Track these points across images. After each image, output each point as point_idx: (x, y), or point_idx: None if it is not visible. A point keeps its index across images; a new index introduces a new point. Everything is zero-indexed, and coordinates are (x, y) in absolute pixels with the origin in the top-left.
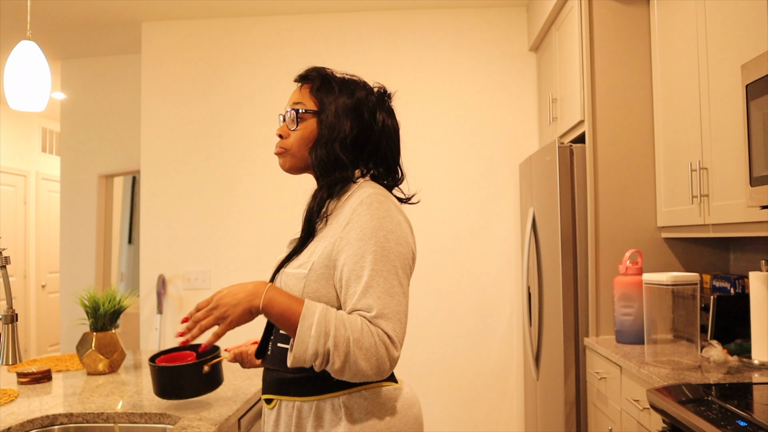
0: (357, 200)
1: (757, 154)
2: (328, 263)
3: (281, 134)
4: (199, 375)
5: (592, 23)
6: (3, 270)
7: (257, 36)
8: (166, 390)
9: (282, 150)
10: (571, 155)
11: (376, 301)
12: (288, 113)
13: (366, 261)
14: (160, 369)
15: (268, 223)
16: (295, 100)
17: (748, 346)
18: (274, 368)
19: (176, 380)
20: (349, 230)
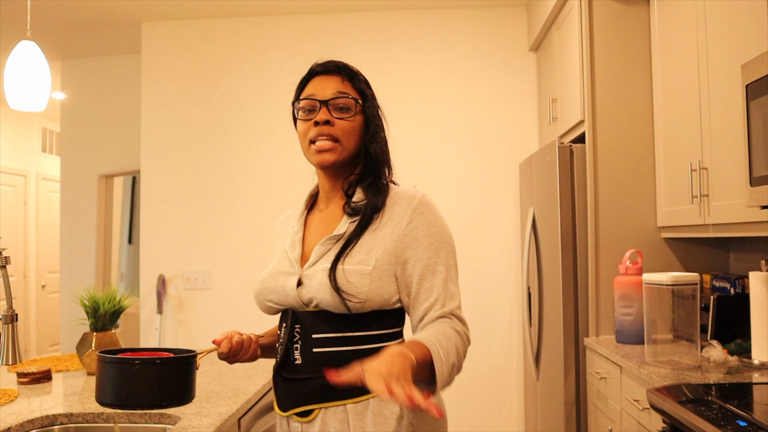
0: (413, 199)
1: (757, 154)
2: (392, 260)
3: (328, 120)
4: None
5: (592, 23)
6: (3, 270)
7: (257, 36)
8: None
9: (334, 141)
10: (571, 155)
11: (453, 296)
12: (335, 100)
13: (439, 257)
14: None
15: (268, 223)
16: (342, 89)
17: (748, 346)
18: (310, 376)
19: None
20: (414, 228)
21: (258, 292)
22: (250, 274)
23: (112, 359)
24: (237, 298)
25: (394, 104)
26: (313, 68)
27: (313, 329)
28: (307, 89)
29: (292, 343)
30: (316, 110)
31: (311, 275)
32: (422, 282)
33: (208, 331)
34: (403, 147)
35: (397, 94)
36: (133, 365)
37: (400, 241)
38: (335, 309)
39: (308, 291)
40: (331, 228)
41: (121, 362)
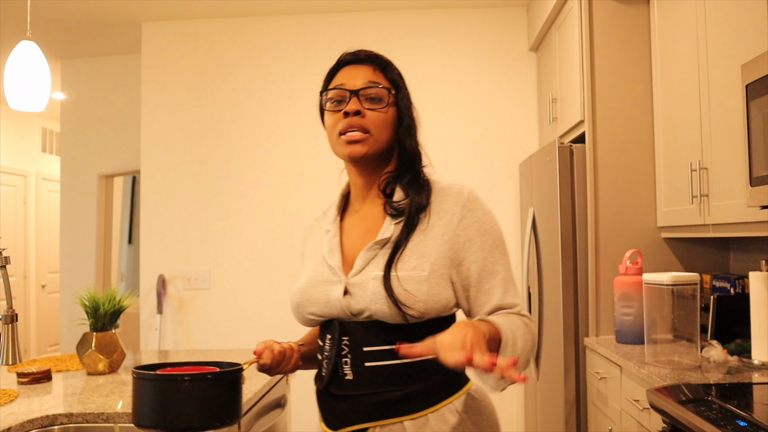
0: (460, 195)
1: (757, 154)
2: (447, 263)
3: (359, 110)
4: (228, 391)
5: (592, 23)
6: (3, 270)
7: (257, 36)
8: (175, 413)
9: (365, 132)
10: (571, 155)
11: (516, 296)
12: (366, 89)
13: (496, 256)
14: (194, 378)
15: (268, 223)
16: (374, 78)
17: (748, 346)
18: (363, 393)
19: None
20: (465, 227)
21: (298, 304)
22: (250, 274)
23: (155, 377)
24: (237, 298)
25: None
26: (343, 57)
27: (363, 342)
28: (336, 79)
29: (340, 357)
30: (346, 101)
31: (361, 284)
32: (480, 284)
33: (208, 332)
34: None
35: None
36: (182, 382)
37: (453, 242)
38: (391, 320)
39: (359, 301)
40: (372, 230)
41: (168, 379)
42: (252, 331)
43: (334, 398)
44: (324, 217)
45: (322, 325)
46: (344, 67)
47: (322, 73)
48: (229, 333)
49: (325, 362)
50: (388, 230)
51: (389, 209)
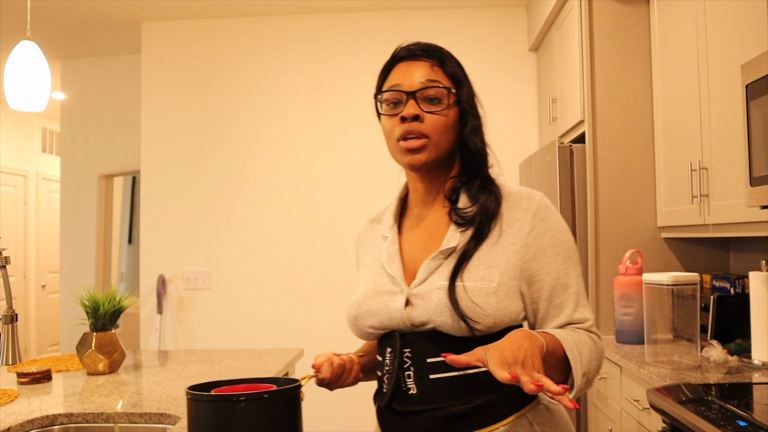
0: (531, 201)
1: (757, 154)
2: (517, 274)
3: (417, 115)
4: (287, 410)
5: (592, 23)
6: (3, 270)
7: (257, 36)
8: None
9: (423, 141)
10: (571, 155)
11: (587, 310)
12: (424, 90)
13: (569, 268)
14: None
15: (268, 223)
16: (432, 77)
17: (748, 346)
18: (429, 407)
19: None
20: (537, 236)
21: (355, 317)
22: (250, 274)
23: (209, 398)
24: (237, 298)
25: None
26: (397, 53)
27: (426, 353)
28: (390, 78)
29: (403, 371)
30: (403, 103)
31: (424, 295)
32: (552, 298)
33: (208, 332)
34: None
35: None
36: (238, 402)
37: (524, 253)
38: (456, 332)
39: (422, 313)
40: (435, 238)
41: (222, 400)
42: (252, 331)
43: (397, 415)
44: (379, 221)
45: (381, 339)
46: (399, 63)
47: (322, 72)
48: (229, 333)
49: (386, 377)
50: (453, 239)
51: (455, 217)
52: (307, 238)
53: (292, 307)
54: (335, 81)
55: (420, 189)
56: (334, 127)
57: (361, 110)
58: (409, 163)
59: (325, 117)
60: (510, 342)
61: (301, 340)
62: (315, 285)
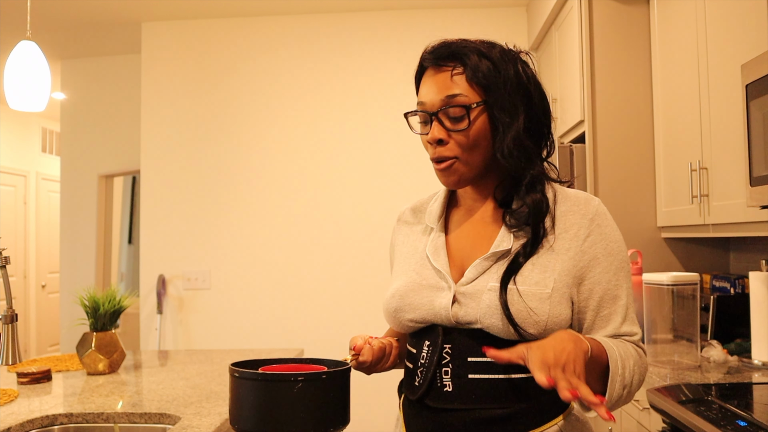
0: (588, 207)
1: (757, 154)
2: (570, 281)
3: (441, 139)
4: (341, 393)
5: (592, 23)
6: (3, 270)
7: (257, 36)
8: (288, 417)
9: (450, 162)
10: (571, 155)
11: (635, 324)
12: (446, 110)
13: (620, 280)
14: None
15: (268, 223)
16: (452, 91)
17: (748, 346)
18: (464, 407)
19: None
20: (592, 244)
21: (396, 309)
22: (250, 274)
23: (265, 376)
24: (237, 298)
25: (394, 104)
26: (424, 58)
27: (468, 351)
28: (420, 92)
29: (440, 366)
30: (429, 123)
31: (473, 294)
32: (600, 308)
33: (208, 332)
34: (403, 147)
35: (397, 94)
36: (296, 383)
37: (578, 260)
38: (505, 335)
39: (469, 312)
40: (486, 236)
41: (280, 380)
42: (252, 331)
43: (428, 410)
44: (422, 210)
45: (419, 331)
46: (426, 71)
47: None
48: (229, 333)
49: (420, 370)
50: (505, 241)
51: (508, 219)
52: (307, 238)
53: (292, 307)
54: (335, 81)
55: (470, 192)
56: (335, 127)
57: (362, 110)
58: (444, 184)
59: (325, 117)
60: (554, 343)
61: (301, 340)
62: (315, 285)
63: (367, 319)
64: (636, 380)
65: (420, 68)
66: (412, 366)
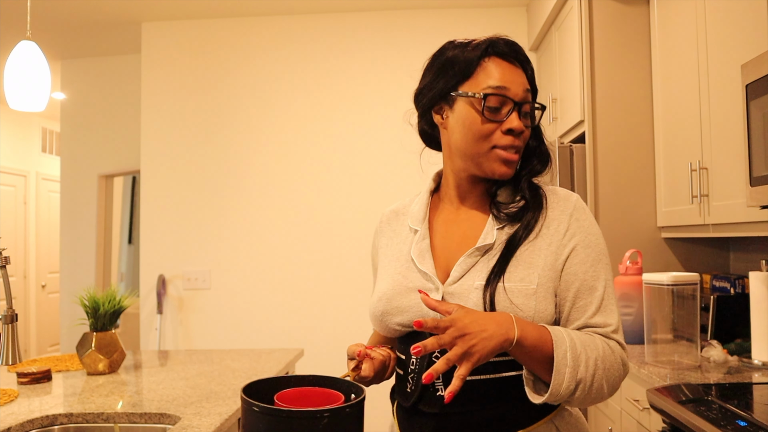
0: (567, 202)
1: (757, 154)
2: (553, 275)
3: (523, 131)
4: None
5: (592, 23)
6: (3, 270)
7: (257, 36)
8: None
9: (519, 153)
10: (571, 155)
11: (611, 315)
12: (528, 105)
13: (598, 271)
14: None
15: (268, 223)
16: (527, 87)
17: (748, 346)
18: (458, 411)
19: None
20: (571, 237)
21: (383, 312)
22: (250, 274)
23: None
24: (237, 298)
25: (394, 104)
26: (496, 44)
27: None
28: (488, 71)
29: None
30: (507, 111)
31: (461, 294)
32: (576, 300)
33: (208, 332)
34: (404, 146)
35: (397, 94)
36: (322, 419)
37: (559, 254)
38: None
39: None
40: (470, 235)
41: (304, 417)
42: (252, 331)
43: (422, 416)
44: (403, 213)
45: (405, 336)
46: (497, 59)
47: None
48: (229, 333)
49: (411, 377)
50: (490, 235)
51: (497, 212)
52: (307, 238)
53: (292, 307)
54: (335, 81)
55: (464, 185)
56: (334, 127)
57: (363, 110)
58: (502, 174)
59: (325, 117)
60: (483, 317)
61: (301, 340)
62: (315, 285)
63: (366, 320)
64: (600, 375)
65: (482, 53)
66: (402, 372)
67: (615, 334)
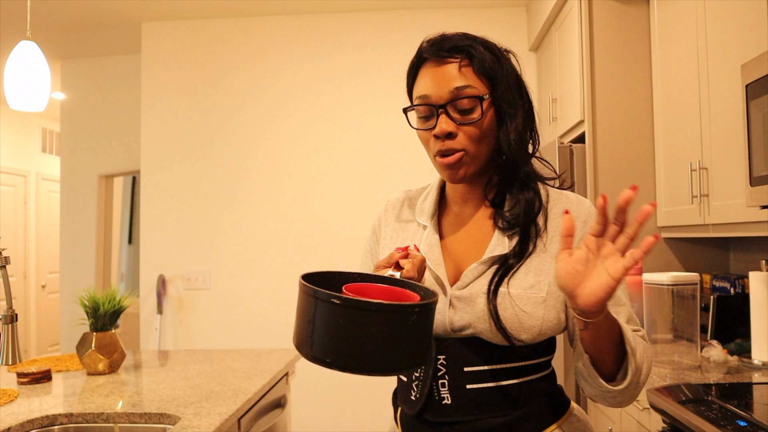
0: (580, 209)
1: (757, 154)
2: None
3: (451, 132)
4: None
5: (592, 23)
6: (3, 270)
7: (257, 36)
8: (399, 353)
9: (459, 155)
10: (571, 155)
11: (638, 323)
12: (454, 102)
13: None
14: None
15: (268, 223)
16: (460, 83)
17: (748, 346)
18: (465, 419)
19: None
20: None
21: None
22: (250, 274)
23: (380, 307)
24: (237, 298)
25: (394, 104)
26: (422, 50)
27: (463, 361)
28: (418, 84)
29: (436, 379)
30: (434, 116)
31: (469, 299)
32: None
33: (208, 332)
34: (403, 147)
35: (397, 94)
36: (412, 314)
37: None
38: (498, 341)
39: (463, 317)
40: (479, 240)
41: (397, 311)
42: (252, 331)
43: (427, 425)
44: (412, 205)
45: None
46: (425, 65)
47: (322, 72)
48: (229, 333)
49: (416, 384)
50: (500, 244)
51: (500, 222)
52: (307, 238)
53: (292, 308)
54: (335, 81)
55: (460, 188)
56: (334, 127)
57: (363, 110)
58: (449, 179)
59: (325, 117)
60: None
61: None
62: None
63: None
64: (645, 369)
65: (417, 61)
66: (406, 379)
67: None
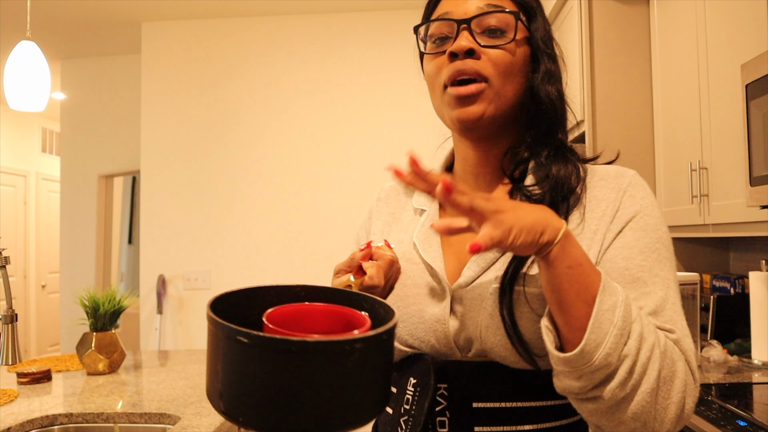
0: (621, 179)
1: (757, 154)
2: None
3: (471, 49)
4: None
5: (592, 23)
6: (3, 270)
7: (257, 36)
8: (344, 403)
9: (480, 86)
10: None
11: (675, 320)
12: (487, 16)
13: (649, 262)
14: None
15: (268, 223)
16: (493, 1)
17: (748, 346)
18: None
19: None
20: (620, 216)
21: None
22: (250, 275)
23: (304, 347)
24: None
25: (394, 104)
26: None
27: (473, 394)
28: (439, 7)
29: (433, 416)
30: (453, 37)
31: (474, 300)
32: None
33: None
34: (404, 147)
35: (397, 94)
36: (352, 352)
37: (603, 241)
38: (512, 362)
39: (469, 327)
40: None
41: (326, 351)
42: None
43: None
44: (408, 194)
45: (405, 361)
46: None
47: (322, 72)
48: None
49: (404, 419)
50: None
51: (519, 198)
52: (307, 238)
53: None
54: (335, 81)
55: (471, 159)
56: (334, 127)
57: (363, 110)
58: (459, 117)
59: (325, 117)
60: (522, 203)
61: None
62: None
63: None
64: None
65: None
66: (392, 411)
67: (680, 344)
